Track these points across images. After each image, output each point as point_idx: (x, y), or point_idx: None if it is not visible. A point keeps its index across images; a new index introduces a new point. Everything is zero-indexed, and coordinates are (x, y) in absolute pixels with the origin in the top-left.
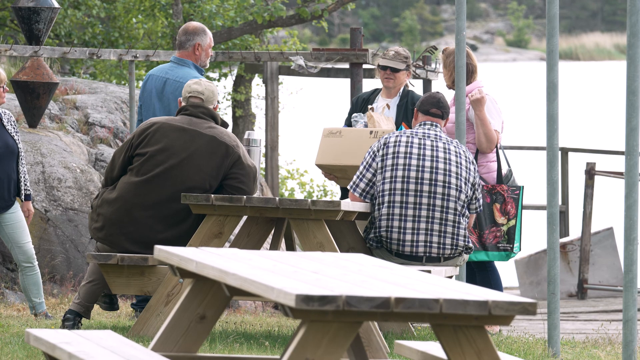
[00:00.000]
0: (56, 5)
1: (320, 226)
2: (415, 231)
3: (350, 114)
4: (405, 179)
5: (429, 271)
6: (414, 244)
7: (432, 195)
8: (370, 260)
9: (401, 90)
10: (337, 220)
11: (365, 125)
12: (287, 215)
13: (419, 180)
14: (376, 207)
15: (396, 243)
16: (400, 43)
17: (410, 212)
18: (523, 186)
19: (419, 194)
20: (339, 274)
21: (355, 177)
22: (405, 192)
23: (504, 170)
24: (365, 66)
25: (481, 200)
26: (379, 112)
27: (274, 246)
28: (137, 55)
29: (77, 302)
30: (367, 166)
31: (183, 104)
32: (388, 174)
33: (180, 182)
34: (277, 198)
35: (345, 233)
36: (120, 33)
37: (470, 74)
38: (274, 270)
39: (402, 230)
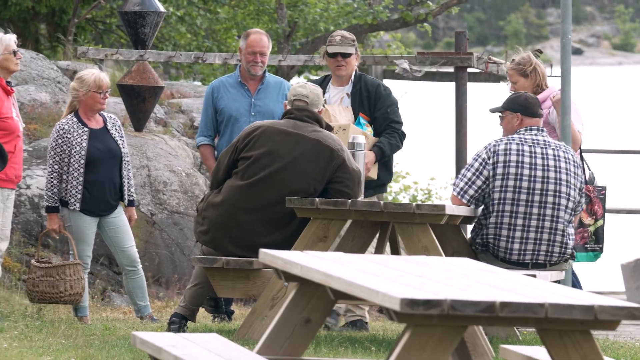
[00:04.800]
0: (162, 9)
1: (425, 230)
2: (524, 240)
3: None
4: (517, 189)
5: (534, 275)
6: (522, 252)
7: (542, 205)
8: (475, 264)
9: (353, 76)
10: (441, 224)
11: None
12: (391, 219)
13: (531, 191)
14: (484, 215)
15: (503, 251)
16: (506, 46)
17: (519, 221)
18: (606, 187)
19: (529, 204)
20: (443, 278)
21: (462, 183)
22: (515, 202)
23: (587, 173)
24: (470, 70)
25: (583, 201)
26: (335, 103)
27: (379, 250)
28: None
29: (182, 306)
30: (477, 174)
31: (288, 107)
32: (498, 183)
33: (285, 185)
34: (381, 202)
35: (450, 237)
36: (219, 47)
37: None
38: (379, 274)
39: (510, 240)
